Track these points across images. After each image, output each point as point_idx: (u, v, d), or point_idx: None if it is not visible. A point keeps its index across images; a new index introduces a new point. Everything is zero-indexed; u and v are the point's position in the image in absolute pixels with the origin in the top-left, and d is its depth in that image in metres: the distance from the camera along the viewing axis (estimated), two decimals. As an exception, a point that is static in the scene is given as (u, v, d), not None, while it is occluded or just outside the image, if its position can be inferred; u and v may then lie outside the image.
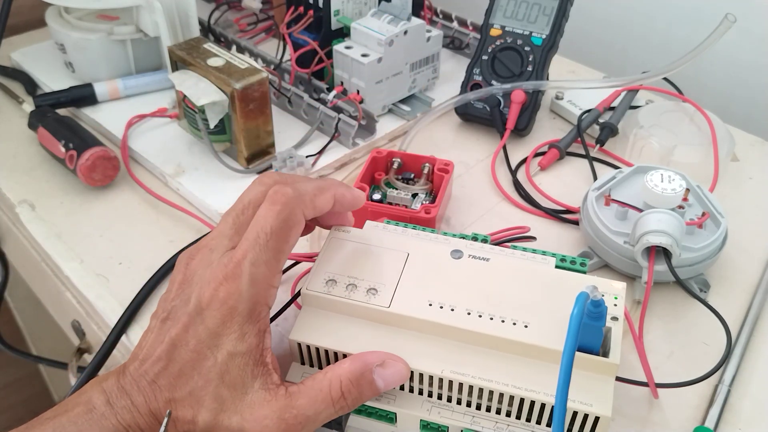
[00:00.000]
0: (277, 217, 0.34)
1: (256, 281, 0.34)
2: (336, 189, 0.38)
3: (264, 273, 0.34)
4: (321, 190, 0.37)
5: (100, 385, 0.35)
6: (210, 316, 0.33)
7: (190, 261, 0.36)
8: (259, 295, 0.34)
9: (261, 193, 0.36)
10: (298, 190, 0.35)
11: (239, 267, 0.33)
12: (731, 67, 0.74)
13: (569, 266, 0.40)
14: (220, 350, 0.33)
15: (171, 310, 0.35)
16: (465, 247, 0.40)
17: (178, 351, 0.34)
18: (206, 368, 0.33)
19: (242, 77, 0.52)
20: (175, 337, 0.34)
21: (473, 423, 0.36)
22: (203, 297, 0.33)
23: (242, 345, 0.33)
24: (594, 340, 0.34)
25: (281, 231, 0.34)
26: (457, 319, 0.36)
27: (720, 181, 0.55)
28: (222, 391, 0.33)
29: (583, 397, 0.34)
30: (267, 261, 0.34)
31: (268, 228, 0.34)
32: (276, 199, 0.34)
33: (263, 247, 0.34)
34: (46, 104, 0.62)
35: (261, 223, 0.34)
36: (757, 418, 0.40)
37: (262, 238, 0.34)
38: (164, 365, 0.34)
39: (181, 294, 0.35)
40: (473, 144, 0.63)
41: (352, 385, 0.34)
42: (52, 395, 1.15)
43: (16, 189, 0.58)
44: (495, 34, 0.62)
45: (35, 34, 0.78)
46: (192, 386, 0.33)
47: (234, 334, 0.33)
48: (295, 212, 0.35)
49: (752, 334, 0.45)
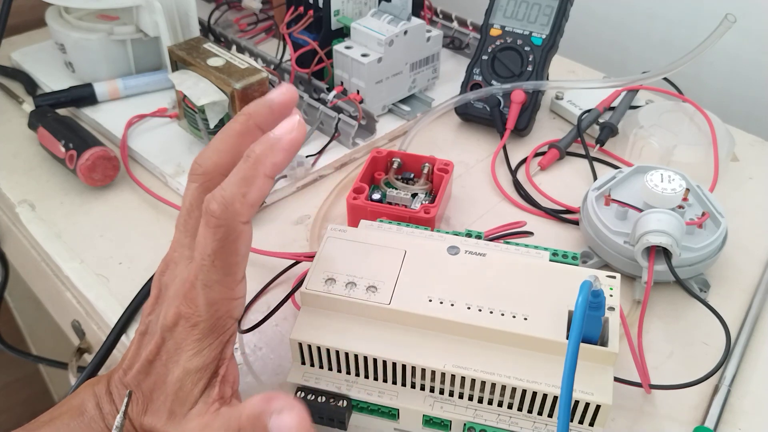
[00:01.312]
0: (214, 237, 0.32)
1: (213, 301, 0.33)
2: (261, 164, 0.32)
3: (220, 290, 0.33)
4: (248, 182, 0.31)
5: (92, 388, 0.36)
6: (177, 332, 0.34)
7: (161, 276, 0.36)
8: (219, 311, 0.33)
9: (196, 190, 0.35)
10: (224, 201, 0.31)
11: (194, 289, 0.33)
12: (731, 67, 0.74)
13: (562, 260, 0.41)
14: (177, 366, 0.34)
15: (148, 324, 0.36)
16: (460, 244, 0.41)
17: (153, 366, 0.34)
18: (168, 383, 0.34)
19: (242, 77, 0.52)
20: (149, 353, 0.34)
21: (476, 416, 0.36)
22: (168, 315, 0.34)
23: (197, 361, 0.33)
24: (593, 330, 0.35)
25: (222, 250, 0.32)
26: (457, 313, 0.37)
27: (720, 181, 0.55)
28: (174, 406, 0.34)
29: (584, 386, 0.34)
30: (218, 280, 0.32)
31: (209, 250, 0.32)
32: (207, 221, 0.32)
33: (210, 268, 0.32)
34: (46, 104, 0.62)
35: (201, 244, 0.32)
36: (757, 418, 0.40)
37: (206, 261, 0.32)
38: (142, 378, 0.34)
39: (156, 309, 0.36)
40: (473, 144, 0.63)
41: (248, 422, 0.31)
42: (52, 395, 1.15)
43: (16, 189, 0.58)
44: (495, 34, 0.62)
45: (35, 34, 0.78)
46: (162, 399, 0.34)
47: (191, 351, 0.33)
48: (234, 227, 0.32)
49: (752, 334, 0.45)
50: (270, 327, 0.45)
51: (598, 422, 0.35)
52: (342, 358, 0.37)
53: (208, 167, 0.34)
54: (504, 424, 0.36)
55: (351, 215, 0.50)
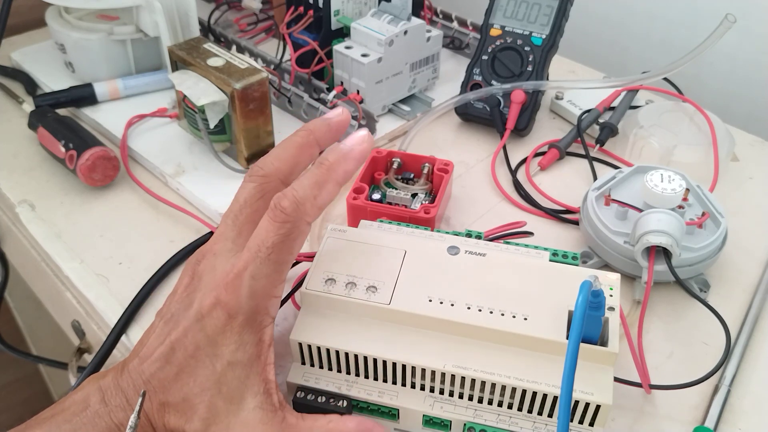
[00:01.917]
0: (278, 231, 0.33)
1: (255, 294, 0.33)
2: (333, 171, 0.35)
3: (264, 285, 0.33)
4: (319, 185, 0.34)
5: (97, 383, 0.35)
6: (210, 324, 0.33)
7: (197, 265, 0.36)
8: (259, 306, 0.34)
9: (254, 189, 0.36)
10: (296, 200, 0.33)
11: (239, 278, 0.33)
12: (731, 67, 0.74)
13: (562, 260, 0.41)
14: (219, 359, 0.33)
15: (174, 312, 0.35)
16: (460, 244, 0.41)
17: (176, 354, 0.33)
18: (203, 376, 0.33)
19: (242, 77, 0.52)
20: (175, 340, 0.33)
21: (476, 416, 0.36)
22: (204, 304, 0.33)
23: (242, 355, 0.33)
24: (593, 329, 0.35)
25: (283, 244, 0.33)
26: (457, 313, 0.37)
27: (720, 181, 0.55)
28: (217, 402, 0.33)
29: (584, 386, 0.35)
30: (268, 274, 0.33)
31: (269, 242, 0.33)
32: (276, 215, 0.33)
33: (264, 260, 0.33)
34: (46, 104, 0.62)
35: (262, 236, 0.33)
36: (757, 418, 0.40)
37: (263, 252, 0.33)
38: (161, 366, 0.33)
39: (185, 297, 0.35)
40: (473, 144, 0.63)
41: None
42: (52, 395, 1.15)
43: (16, 189, 0.58)
44: (495, 34, 0.62)
45: (35, 34, 0.78)
46: (186, 392, 0.33)
47: (233, 344, 0.33)
48: (298, 226, 0.34)
49: (752, 334, 0.45)
50: (270, 327, 0.45)
51: (598, 422, 0.35)
52: (342, 358, 0.37)
53: (270, 171, 0.36)
54: (504, 424, 0.36)
55: (351, 215, 0.50)
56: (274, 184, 0.36)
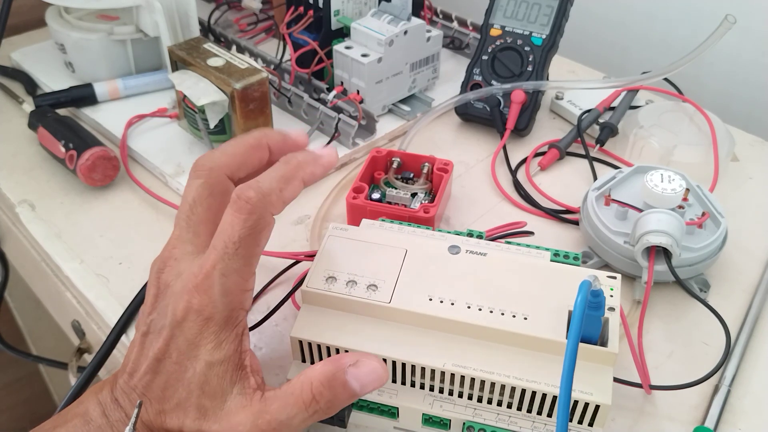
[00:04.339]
0: (244, 224, 0.32)
1: (228, 291, 0.33)
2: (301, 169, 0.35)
3: (236, 281, 0.33)
4: (286, 180, 0.34)
5: (96, 397, 0.35)
6: (188, 328, 0.33)
7: (160, 273, 0.35)
8: (233, 302, 0.33)
9: (202, 187, 0.35)
10: (261, 191, 0.33)
11: (209, 278, 0.33)
12: (731, 67, 0.74)
13: (563, 260, 0.41)
14: (198, 361, 0.33)
15: (150, 323, 0.35)
16: (461, 243, 0.41)
17: (162, 364, 0.33)
18: (187, 379, 0.33)
19: (242, 77, 0.52)
20: (158, 351, 0.33)
21: (475, 415, 0.36)
22: (177, 310, 0.33)
23: (219, 353, 0.33)
24: (593, 330, 0.35)
25: (250, 237, 0.33)
26: (457, 312, 0.37)
27: (720, 181, 0.55)
28: (203, 401, 0.33)
29: (583, 386, 0.35)
30: (237, 269, 0.33)
31: (235, 237, 0.32)
32: (240, 207, 0.32)
33: (232, 256, 0.32)
34: (46, 104, 0.62)
35: (228, 231, 0.33)
36: (757, 418, 0.40)
37: (230, 248, 0.32)
38: (151, 379, 0.34)
39: (157, 307, 0.35)
40: (473, 144, 0.63)
41: (324, 387, 0.32)
42: (52, 395, 1.15)
43: (16, 189, 0.58)
44: (495, 34, 0.62)
45: (35, 34, 0.78)
46: (178, 398, 0.33)
47: (210, 344, 0.33)
48: (264, 217, 0.33)
49: (752, 334, 0.45)
50: (270, 327, 0.45)
51: (598, 422, 0.35)
52: (342, 357, 0.37)
53: (216, 164, 0.35)
54: (503, 424, 0.36)
55: (351, 215, 0.50)
56: (221, 178, 0.35)
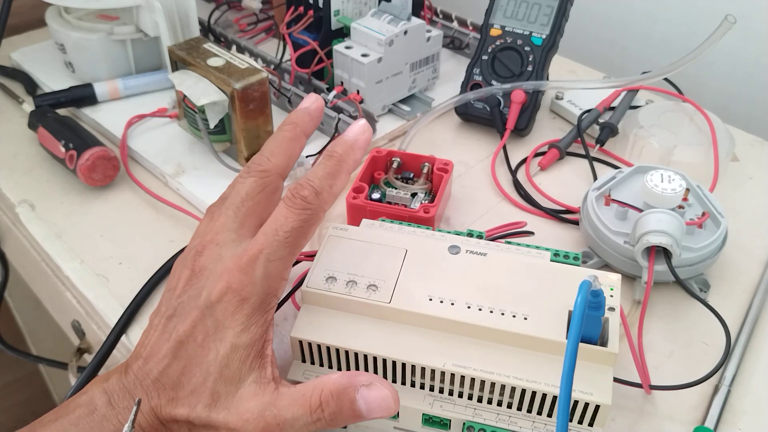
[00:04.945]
0: (299, 217, 0.35)
1: (269, 275, 0.34)
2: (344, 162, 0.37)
3: (278, 267, 0.35)
4: (333, 176, 0.36)
5: (101, 386, 0.34)
6: (221, 308, 0.33)
7: (198, 256, 0.36)
8: (271, 287, 0.34)
9: (255, 183, 0.37)
10: (315, 189, 0.35)
11: (255, 260, 0.34)
12: (731, 68, 0.74)
13: (563, 260, 0.41)
14: (223, 343, 0.33)
15: (177, 306, 0.35)
16: (461, 243, 0.41)
17: (184, 347, 0.33)
18: (208, 362, 0.33)
19: (242, 77, 0.52)
20: (183, 333, 0.34)
21: (475, 416, 0.36)
22: (215, 290, 0.34)
23: (246, 336, 0.33)
24: (593, 330, 0.35)
25: (301, 229, 0.35)
26: (457, 312, 0.37)
27: (720, 181, 0.55)
28: (219, 386, 0.33)
29: (583, 386, 0.34)
30: (283, 257, 0.35)
31: (288, 227, 0.34)
32: (296, 203, 0.35)
33: (281, 243, 0.34)
34: (46, 104, 0.62)
35: (281, 221, 0.35)
36: (757, 418, 0.40)
37: (281, 235, 0.34)
38: (168, 363, 0.33)
39: (189, 290, 0.35)
40: (473, 144, 0.63)
41: (332, 397, 0.32)
42: (52, 395, 1.15)
43: (16, 189, 0.58)
44: (495, 34, 0.62)
45: (35, 34, 0.78)
46: (194, 383, 0.33)
47: (240, 327, 0.33)
48: (317, 214, 0.36)
49: (752, 334, 0.45)
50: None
51: (598, 422, 0.35)
52: (342, 356, 0.37)
53: (268, 167, 0.38)
54: (503, 424, 0.36)
55: (350, 215, 0.50)
56: (273, 178, 0.38)
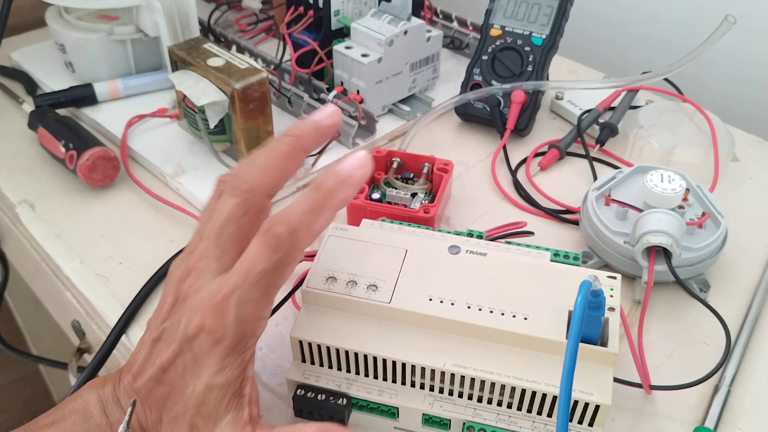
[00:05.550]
0: (270, 258, 0.31)
1: (242, 319, 0.32)
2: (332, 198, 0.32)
3: (251, 310, 0.32)
4: (316, 212, 0.32)
5: (97, 392, 0.35)
6: (197, 344, 0.32)
7: (181, 283, 0.34)
8: (245, 329, 0.32)
9: (238, 206, 0.33)
10: (291, 227, 0.31)
11: (226, 302, 0.31)
12: (731, 68, 0.74)
13: (563, 260, 0.41)
14: (200, 380, 0.32)
15: (163, 331, 0.34)
16: (462, 243, 0.41)
17: (167, 374, 0.33)
18: (186, 396, 0.33)
19: (242, 77, 0.52)
20: (165, 362, 0.33)
21: (475, 415, 0.36)
22: (190, 326, 0.32)
23: (221, 378, 0.32)
24: (593, 330, 0.35)
25: (273, 271, 0.31)
26: (457, 312, 0.37)
27: (720, 181, 0.55)
28: (197, 421, 0.33)
29: (583, 386, 0.35)
30: (255, 299, 0.32)
31: (259, 268, 0.31)
32: (268, 242, 0.31)
33: (252, 285, 0.31)
34: (46, 104, 0.62)
35: (252, 260, 0.31)
36: (757, 418, 0.40)
37: (251, 278, 0.31)
38: (153, 386, 0.33)
39: (172, 316, 0.34)
40: (473, 144, 0.63)
41: None
42: (52, 395, 1.15)
43: (16, 189, 0.58)
44: (495, 34, 0.62)
45: (35, 34, 0.78)
46: (176, 412, 0.33)
47: (214, 367, 0.32)
48: (292, 254, 0.32)
49: (752, 334, 0.45)
50: (270, 327, 0.45)
51: (598, 422, 0.35)
52: (342, 356, 0.37)
53: (253, 186, 0.33)
54: (503, 424, 0.36)
55: (350, 215, 0.50)
56: (258, 199, 0.34)
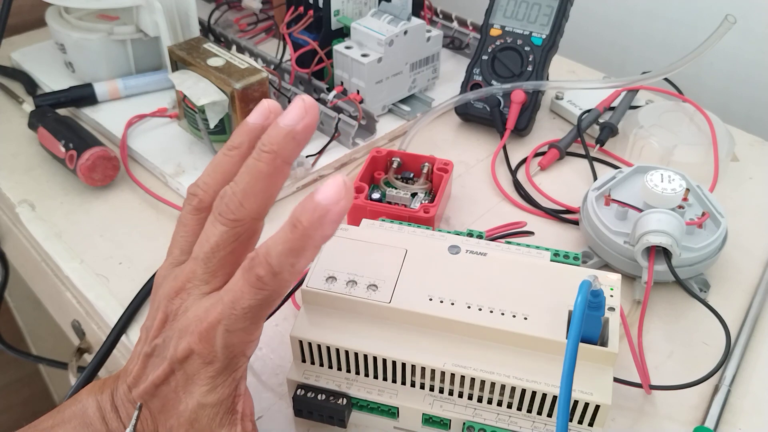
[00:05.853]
0: (254, 296, 0.30)
1: (230, 345, 0.31)
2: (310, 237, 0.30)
3: (240, 336, 0.31)
4: (296, 253, 0.30)
5: (95, 398, 0.35)
6: (188, 366, 0.32)
7: (170, 301, 0.34)
8: (235, 352, 0.32)
9: (227, 234, 0.32)
10: (272, 271, 0.30)
11: (214, 329, 0.31)
12: (731, 67, 0.74)
13: (563, 260, 0.41)
14: (192, 397, 0.33)
15: (154, 347, 0.34)
16: (461, 243, 0.41)
17: (160, 389, 0.33)
18: (180, 411, 0.33)
19: (242, 77, 0.52)
20: (157, 378, 0.33)
21: (475, 415, 0.36)
22: (179, 348, 0.32)
23: (212, 396, 0.32)
24: (593, 329, 0.35)
25: (259, 307, 0.31)
26: (457, 312, 0.37)
27: (720, 181, 0.55)
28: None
29: (583, 386, 0.35)
30: (243, 328, 0.31)
31: (245, 303, 0.30)
32: (251, 281, 0.30)
33: (239, 317, 0.31)
34: (46, 104, 0.62)
35: (237, 294, 0.31)
36: (757, 418, 0.40)
37: (238, 310, 0.30)
38: (149, 399, 0.34)
39: (162, 334, 0.34)
40: (473, 144, 0.63)
41: None
42: (52, 395, 1.15)
43: (16, 189, 0.58)
44: (495, 34, 0.62)
45: (35, 34, 0.78)
46: (171, 424, 0.33)
47: (206, 387, 0.32)
48: (277, 292, 0.31)
49: (752, 334, 0.45)
50: (270, 327, 0.45)
51: (598, 422, 0.35)
52: (342, 356, 0.37)
53: (242, 215, 0.32)
54: (503, 424, 0.36)
55: (350, 214, 0.50)
56: (248, 225, 0.32)
